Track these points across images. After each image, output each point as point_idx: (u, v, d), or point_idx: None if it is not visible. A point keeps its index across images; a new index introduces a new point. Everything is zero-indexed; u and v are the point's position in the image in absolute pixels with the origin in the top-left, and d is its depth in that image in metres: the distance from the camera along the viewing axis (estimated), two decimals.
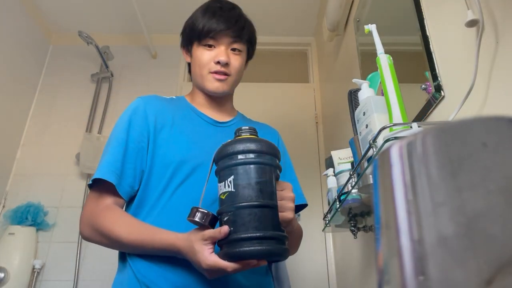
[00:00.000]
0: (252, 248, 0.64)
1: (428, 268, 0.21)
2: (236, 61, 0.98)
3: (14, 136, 2.21)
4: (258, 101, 2.28)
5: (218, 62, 0.96)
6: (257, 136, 0.76)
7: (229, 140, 0.74)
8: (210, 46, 0.97)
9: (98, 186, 0.86)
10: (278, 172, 0.75)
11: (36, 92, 2.39)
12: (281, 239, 0.68)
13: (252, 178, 0.69)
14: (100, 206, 0.85)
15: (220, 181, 0.72)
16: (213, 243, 0.69)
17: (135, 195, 0.89)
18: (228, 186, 0.69)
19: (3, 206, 2.06)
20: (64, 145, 2.22)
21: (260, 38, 1.10)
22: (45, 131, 2.28)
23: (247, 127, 0.76)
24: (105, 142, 0.94)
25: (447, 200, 0.22)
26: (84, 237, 0.86)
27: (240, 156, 0.70)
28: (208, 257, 0.67)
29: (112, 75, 2.42)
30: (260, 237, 0.65)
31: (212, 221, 0.69)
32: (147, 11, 2.30)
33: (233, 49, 0.98)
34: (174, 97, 1.07)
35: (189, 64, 1.07)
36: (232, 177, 0.69)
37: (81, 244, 1.96)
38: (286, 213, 0.75)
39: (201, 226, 0.70)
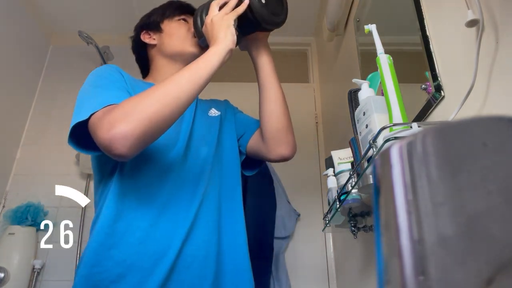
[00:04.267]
0: None
1: (428, 268, 0.21)
2: None
3: (14, 136, 2.21)
4: (258, 101, 2.28)
5: None
6: None
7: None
8: (185, 20, 1.09)
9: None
10: None
11: (36, 92, 2.39)
12: None
13: None
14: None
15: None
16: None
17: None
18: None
19: (3, 206, 2.06)
20: (64, 145, 2.19)
21: None
22: (45, 131, 2.27)
23: None
24: None
25: (447, 200, 0.22)
26: (123, 132, 0.69)
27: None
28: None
29: None
30: None
31: None
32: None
33: None
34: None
35: (145, 48, 1.11)
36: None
37: (81, 244, 1.96)
38: None
39: None
